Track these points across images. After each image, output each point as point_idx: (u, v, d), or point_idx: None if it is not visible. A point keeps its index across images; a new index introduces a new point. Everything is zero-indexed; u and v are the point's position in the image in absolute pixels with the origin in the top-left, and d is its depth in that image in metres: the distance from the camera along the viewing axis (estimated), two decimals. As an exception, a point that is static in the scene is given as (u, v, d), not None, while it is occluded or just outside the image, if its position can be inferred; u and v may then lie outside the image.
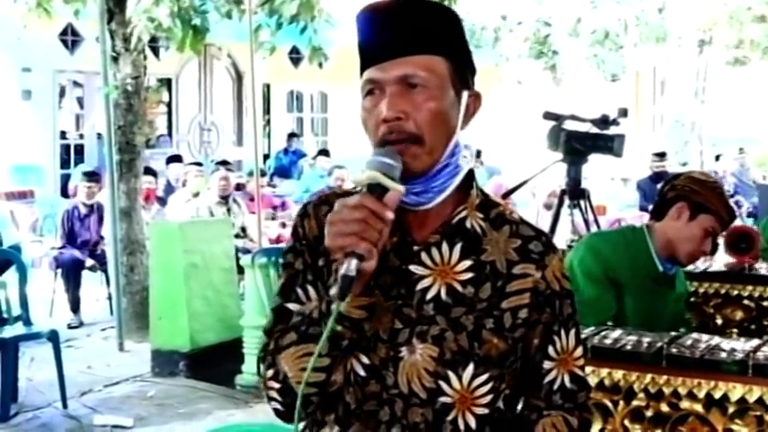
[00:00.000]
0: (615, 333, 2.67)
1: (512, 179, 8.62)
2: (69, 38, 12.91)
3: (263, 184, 10.01)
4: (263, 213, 8.49)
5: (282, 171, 14.65)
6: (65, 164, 13.30)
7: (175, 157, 11.94)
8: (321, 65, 8.71)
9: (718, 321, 3.84)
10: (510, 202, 8.87)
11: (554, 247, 1.63)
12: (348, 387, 1.55)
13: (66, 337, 7.22)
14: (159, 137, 15.75)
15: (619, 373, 2.52)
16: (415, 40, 1.53)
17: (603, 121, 5.75)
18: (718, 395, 2.40)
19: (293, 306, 1.60)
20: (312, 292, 1.59)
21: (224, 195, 8.82)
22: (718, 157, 14.82)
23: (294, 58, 15.46)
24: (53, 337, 5.75)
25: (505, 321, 1.56)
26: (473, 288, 1.55)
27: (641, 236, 3.18)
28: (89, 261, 8.41)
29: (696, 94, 17.27)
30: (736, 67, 16.66)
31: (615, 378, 2.53)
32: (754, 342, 2.57)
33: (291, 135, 16.23)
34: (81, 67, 12.90)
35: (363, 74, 1.56)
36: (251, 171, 10.12)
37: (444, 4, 1.60)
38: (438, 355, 1.53)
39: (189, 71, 14.90)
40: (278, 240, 9.07)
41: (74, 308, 8.20)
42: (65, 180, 12.64)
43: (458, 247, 1.57)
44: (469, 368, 1.53)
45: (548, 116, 5.79)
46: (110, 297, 8.23)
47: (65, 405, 5.68)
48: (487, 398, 1.55)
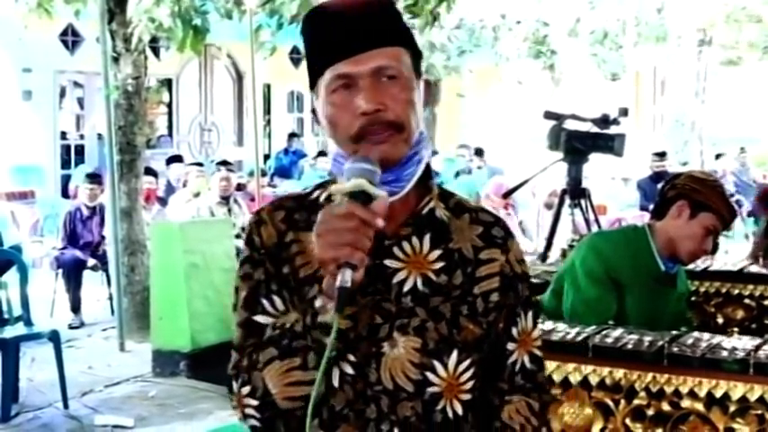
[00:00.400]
0: (616, 332, 2.68)
1: (512, 179, 8.61)
2: (70, 38, 12.92)
3: (263, 184, 10.01)
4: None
5: (283, 171, 14.65)
6: (65, 164, 13.31)
7: (175, 158, 11.93)
8: (321, 65, 8.70)
9: (720, 320, 3.84)
10: (510, 201, 8.89)
11: (511, 231, 1.66)
12: (333, 391, 1.52)
13: (67, 337, 7.22)
14: (160, 137, 15.76)
15: (620, 372, 2.52)
16: (382, 32, 1.52)
17: (604, 121, 5.76)
18: (719, 394, 2.40)
19: (262, 318, 1.55)
20: (279, 303, 1.56)
21: (225, 196, 8.82)
22: (718, 157, 14.82)
23: (294, 58, 15.46)
24: (54, 338, 5.75)
25: (478, 306, 1.58)
26: (446, 276, 1.56)
27: (643, 235, 3.18)
28: (90, 261, 8.41)
29: (696, 94, 17.27)
30: (728, 67, 16.66)
31: (616, 377, 2.53)
32: (756, 341, 2.57)
33: (292, 135, 16.23)
34: (81, 68, 12.90)
35: (327, 71, 1.53)
36: (251, 171, 10.12)
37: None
38: (421, 345, 1.52)
39: (189, 71, 14.92)
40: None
41: (74, 308, 8.20)
42: (65, 180, 12.65)
43: (427, 238, 1.57)
44: (453, 355, 1.54)
45: (548, 116, 5.80)
46: (110, 297, 8.23)
47: (66, 405, 5.68)
48: (471, 383, 1.56)
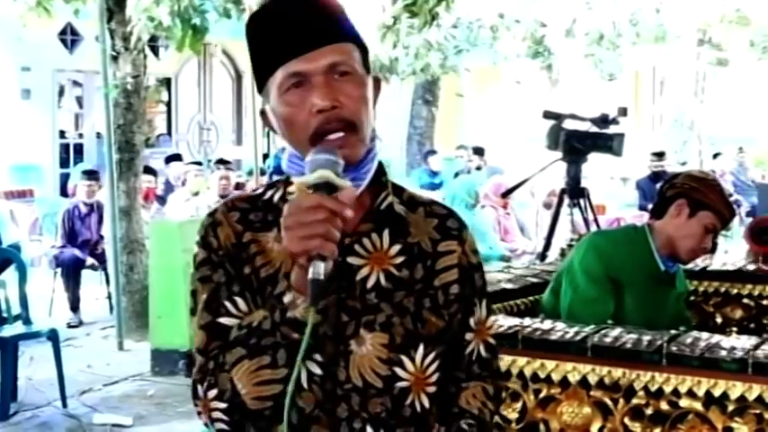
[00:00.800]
0: (615, 331, 2.68)
1: (511, 178, 8.62)
2: (69, 37, 12.90)
3: (262, 183, 10.00)
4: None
5: (282, 170, 14.63)
6: (64, 163, 13.30)
7: (174, 157, 11.93)
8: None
9: (718, 320, 3.85)
10: (510, 201, 8.89)
11: (464, 222, 1.67)
12: (300, 391, 1.49)
13: (66, 336, 7.22)
14: (159, 136, 15.75)
15: (619, 371, 2.52)
16: (333, 29, 1.52)
17: (603, 121, 5.76)
18: (717, 393, 2.40)
19: (226, 320, 1.51)
20: (242, 304, 1.52)
21: (224, 195, 8.83)
22: (716, 156, 14.83)
23: (293, 57, 15.45)
24: (53, 336, 5.76)
25: (439, 299, 1.59)
26: (407, 270, 1.57)
27: (642, 235, 3.19)
28: (89, 260, 8.41)
29: (695, 94, 17.26)
30: (728, 67, 16.67)
31: (615, 376, 2.53)
32: (754, 340, 2.57)
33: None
34: (80, 67, 12.89)
35: (278, 70, 1.51)
36: (250, 170, 10.13)
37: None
38: (389, 341, 1.52)
39: (188, 70, 14.91)
40: (277, 239, 9.05)
41: (73, 307, 8.20)
42: (64, 179, 12.64)
43: (386, 233, 1.57)
44: (420, 349, 1.55)
45: (547, 115, 5.80)
46: (109, 296, 8.23)
47: (64, 404, 5.68)
48: (436, 376, 1.57)
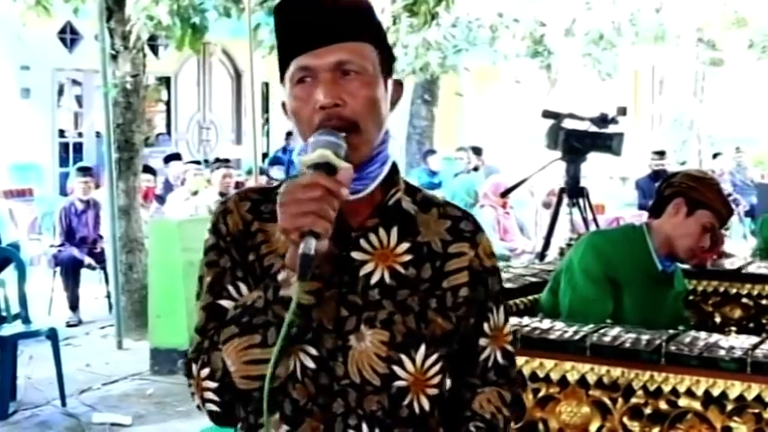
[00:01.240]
0: (614, 331, 2.68)
1: (510, 178, 8.61)
2: (68, 36, 12.90)
3: (262, 182, 10.01)
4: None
5: (277, 161, 14.55)
6: (64, 162, 13.30)
7: (173, 156, 11.92)
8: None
9: (717, 319, 3.85)
10: (509, 200, 8.89)
11: (480, 225, 1.65)
12: (294, 383, 1.51)
13: (65, 335, 7.22)
14: (158, 135, 15.74)
15: (617, 371, 2.53)
16: (346, 27, 1.51)
17: (602, 120, 5.77)
18: (716, 393, 2.40)
19: (226, 303, 1.54)
20: (244, 289, 1.54)
21: (225, 192, 8.83)
22: (715, 156, 14.83)
23: (293, 56, 15.45)
24: (52, 336, 5.75)
25: (447, 300, 1.57)
26: (414, 269, 1.55)
27: (641, 234, 3.18)
28: (87, 259, 8.41)
29: (695, 94, 17.29)
30: (727, 67, 16.69)
31: (614, 375, 2.53)
32: (753, 340, 2.57)
33: (290, 134, 16.20)
34: (80, 66, 12.90)
35: (291, 62, 1.53)
36: (250, 169, 10.13)
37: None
38: (389, 339, 1.51)
39: (188, 70, 14.91)
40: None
41: (72, 306, 8.20)
42: (63, 178, 12.63)
43: (394, 230, 1.56)
44: (421, 349, 1.53)
45: (547, 115, 5.81)
46: (108, 295, 8.23)
47: (63, 403, 5.68)
48: (438, 378, 1.55)
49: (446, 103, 16.27)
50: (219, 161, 9.70)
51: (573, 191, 5.88)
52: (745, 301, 3.83)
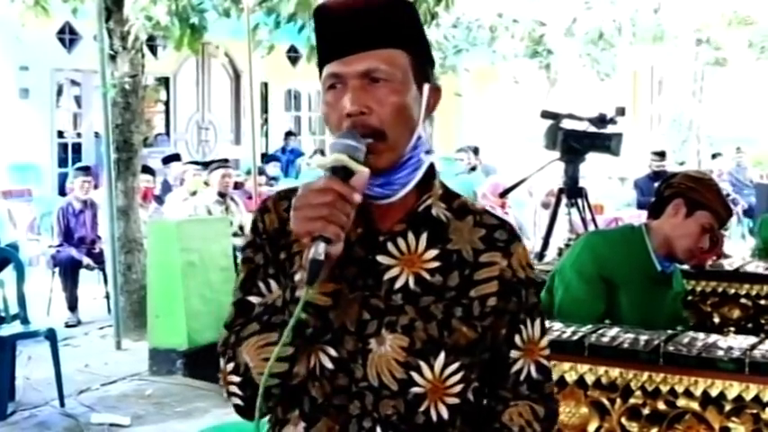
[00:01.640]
0: (612, 331, 2.68)
1: (509, 178, 8.62)
2: (67, 36, 12.89)
3: (261, 182, 10.01)
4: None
5: (273, 158, 14.55)
6: (62, 163, 13.29)
7: (172, 157, 11.93)
8: (319, 64, 8.70)
9: (716, 320, 3.84)
10: (507, 200, 8.89)
11: (518, 235, 1.63)
12: (314, 381, 1.53)
13: (64, 335, 7.20)
14: (157, 136, 15.73)
15: (616, 371, 2.53)
16: (376, 34, 1.51)
17: (601, 120, 5.77)
18: (714, 393, 2.40)
19: (254, 299, 1.57)
20: (274, 286, 1.57)
21: (224, 193, 8.83)
22: (714, 157, 14.83)
23: (292, 56, 15.46)
24: (51, 336, 5.75)
25: (474, 310, 1.55)
26: (441, 277, 1.54)
27: (639, 235, 3.18)
28: (86, 260, 8.41)
29: (694, 94, 17.28)
30: (725, 67, 16.69)
31: (612, 376, 2.53)
32: (751, 340, 2.57)
33: (289, 134, 16.23)
34: (79, 66, 12.89)
35: (324, 68, 1.54)
36: (249, 170, 10.13)
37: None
38: (408, 344, 1.51)
39: (187, 70, 14.90)
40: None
41: (71, 306, 8.20)
42: (62, 179, 12.63)
43: (424, 236, 1.56)
44: (440, 357, 1.52)
45: (545, 115, 5.81)
46: (107, 296, 8.23)
47: (62, 403, 5.67)
48: (458, 387, 1.54)
49: (445, 103, 16.17)
50: (217, 161, 9.67)
51: (572, 191, 5.88)
52: (743, 301, 3.82)
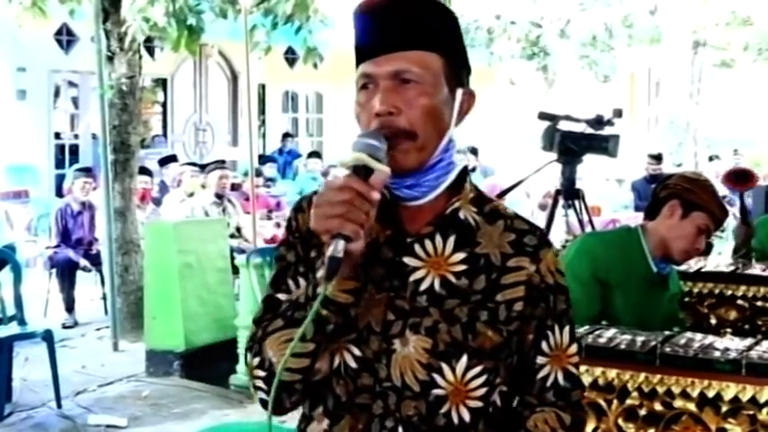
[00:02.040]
0: (609, 332, 2.68)
1: (506, 180, 8.62)
2: (64, 37, 12.88)
3: (258, 184, 10.01)
4: (258, 213, 8.49)
5: (271, 159, 14.53)
6: (59, 164, 13.27)
7: (168, 158, 11.91)
8: (316, 65, 8.71)
9: (712, 321, 3.85)
10: (504, 202, 8.90)
11: (549, 241, 1.63)
12: (338, 379, 1.54)
13: (61, 336, 7.20)
14: (154, 137, 15.72)
15: (612, 372, 2.53)
16: (409, 36, 1.53)
17: (598, 122, 5.76)
18: (711, 394, 2.41)
19: (282, 296, 1.60)
20: (302, 283, 1.58)
21: (221, 194, 8.83)
22: (711, 159, 14.85)
23: (289, 58, 15.45)
24: (48, 337, 5.74)
25: (500, 314, 1.55)
26: (467, 280, 1.55)
27: (636, 236, 3.19)
28: (83, 261, 8.40)
29: (691, 96, 17.30)
30: (722, 69, 16.73)
31: (609, 377, 2.53)
32: (748, 341, 2.58)
33: (286, 135, 16.22)
34: (76, 67, 12.87)
35: (358, 66, 1.56)
36: (246, 171, 10.12)
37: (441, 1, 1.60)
38: (431, 346, 1.52)
39: (184, 71, 14.88)
40: (273, 240, 9.06)
41: (68, 307, 8.19)
42: (59, 180, 12.59)
43: (451, 239, 1.56)
44: (463, 360, 1.52)
45: (542, 116, 5.80)
46: (104, 297, 8.21)
47: (59, 405, 5.67)
48: (481, 391, 1.54)
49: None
50: (214, 163, 9.68)
51: (569, 193, 5.87)
52: (740, 302, 3.83)
